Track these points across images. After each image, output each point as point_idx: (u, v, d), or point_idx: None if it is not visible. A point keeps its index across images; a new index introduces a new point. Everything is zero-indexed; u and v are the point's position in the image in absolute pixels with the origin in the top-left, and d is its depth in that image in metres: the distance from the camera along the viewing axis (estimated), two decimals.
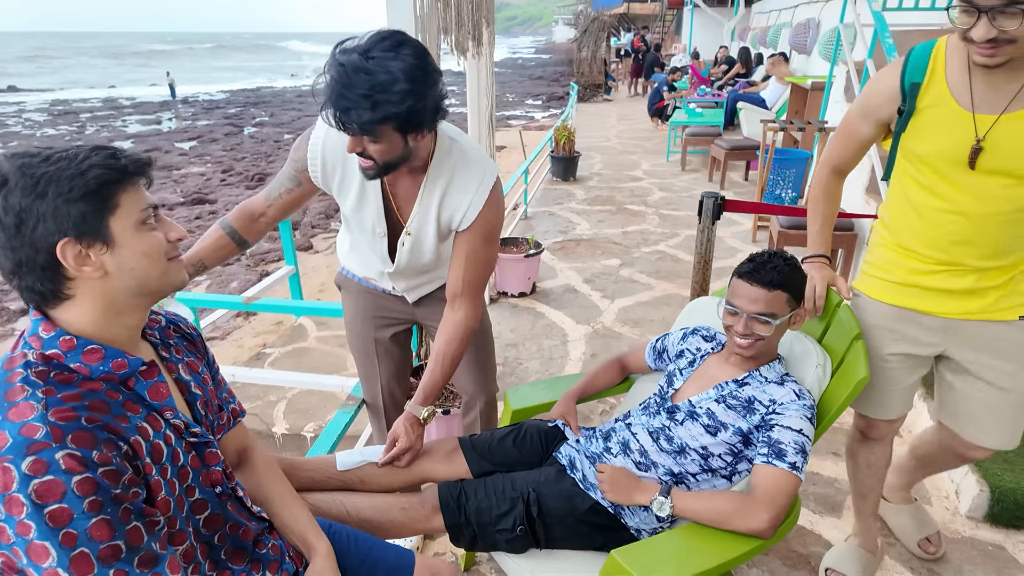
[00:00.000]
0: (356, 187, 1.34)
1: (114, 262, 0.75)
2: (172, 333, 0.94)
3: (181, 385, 0.89)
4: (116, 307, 0.77)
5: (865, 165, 3.41)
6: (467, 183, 1.31)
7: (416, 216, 1.35)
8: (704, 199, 1.93)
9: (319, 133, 1.32)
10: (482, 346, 1.67)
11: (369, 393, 1.73)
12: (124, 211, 0.74)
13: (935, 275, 1.33)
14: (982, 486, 1.83)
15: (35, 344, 0.74)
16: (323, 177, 1.35)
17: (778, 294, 1.28)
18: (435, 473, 1.39)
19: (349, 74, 1.05)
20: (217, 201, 9.95)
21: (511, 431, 1.47)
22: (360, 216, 1.38)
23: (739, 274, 1.32)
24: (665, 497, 1.23)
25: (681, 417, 1.35)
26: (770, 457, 1.20)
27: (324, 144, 1.31)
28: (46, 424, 0.67)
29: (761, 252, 1.34)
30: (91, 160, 0.72)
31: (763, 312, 1.27)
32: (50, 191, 0.70)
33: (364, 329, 1.64)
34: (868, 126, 1.36)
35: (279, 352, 3.20)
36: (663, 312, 3.28)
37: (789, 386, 1.31)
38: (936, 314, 1.36)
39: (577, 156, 6.32)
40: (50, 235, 0.70)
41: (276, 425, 2.62)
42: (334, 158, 1.32)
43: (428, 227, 1.36)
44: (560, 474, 1.37)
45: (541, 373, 2.73)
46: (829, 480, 2.03)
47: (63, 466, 0.65)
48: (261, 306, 2.31)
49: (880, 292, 1.42)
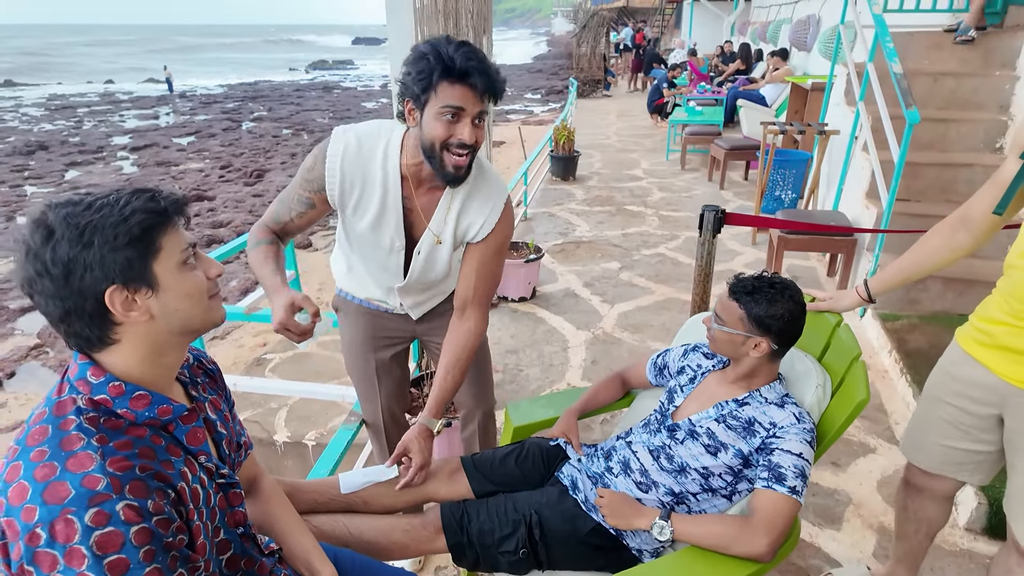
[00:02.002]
0: (376, 203, 1.33)
1: (159, 305, 0.76)
2: (198, 370, 0.94)
3: (209, 425, 0.90)
4: (159, 348, 0.79)
5: (865, 170, 3.41)
6: (487, 196, 1.35)
7: (433, 227, 1.36)
8: (705, 212, 1.93)
9: (336, 150, 1.29)
10: (479, 359, 1.68)
11: (370, 414, 1.71)
12: (166, 254, 0.75)
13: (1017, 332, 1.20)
14: (980, 498, 1.85)
15: (83, 389, 0.75)
16: (340, 196, 1.32)
17: (732, 305, 1.31)
18: (437, 493, 1.40)
19: (476, 51, 1.15)
20: (216, 198, 9.92)
21: (513, 450, 1.48)
22: (378, 233, 1.37)
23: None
24: (665, 521, 1.24)
25: (681, 436, 1.36)
26: (770, 481, 1.21)
27: (343, 160, 1.29)
28: (106, 475, 0.68)
29: (761, 272, 1.36)
30: (133, 205, 0.73)
31: (717, 312, 1.34)
32: (96, 240, 0.70)
33: (364, 351, 1.62)
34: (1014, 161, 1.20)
35: (280, 358, 3.20)
36: (663, 317, 3.28)
37: (789, 408, 1.31)
38: (999, 374, 1.24)
39: (577, 155, 6.30)
40: (98, 283, 0.71)
41: (278, 433, 2.62)
42: (352, 175, 1.30)
43: (444, 238, 1.37)
44: (562, 495, 1.37)
45: (541, 381, 2.74)
46: (828, 491, 2.05)
47: (123, 517, 0.66)
48: (263, 316, 2.31)
49: (961, 334, 1.36)
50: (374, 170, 1.31)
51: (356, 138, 1.31)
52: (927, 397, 1.43)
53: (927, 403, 1.43)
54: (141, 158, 12.85)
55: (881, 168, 3.12)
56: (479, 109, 1.19)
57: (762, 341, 1.29)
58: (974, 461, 1.37)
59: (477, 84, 1.16)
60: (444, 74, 1.14)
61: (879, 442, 2.27)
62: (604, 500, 1.30)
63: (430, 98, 1.17)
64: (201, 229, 8.62)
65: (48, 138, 14.81)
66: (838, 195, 3.89)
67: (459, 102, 1.17)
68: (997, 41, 3.59)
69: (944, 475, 1.42)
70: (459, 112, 1.18)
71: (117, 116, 18.66)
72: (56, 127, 16.75)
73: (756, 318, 1.28)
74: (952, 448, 1.37)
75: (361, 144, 1.30)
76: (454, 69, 1.14)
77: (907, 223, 3.03)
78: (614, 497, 1.30)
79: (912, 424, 1.49)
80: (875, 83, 3.24)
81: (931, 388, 1.42)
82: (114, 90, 25.79)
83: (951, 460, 1.39)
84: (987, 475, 1.39)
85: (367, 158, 1.30)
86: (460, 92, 1.16)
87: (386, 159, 1.30)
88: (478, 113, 1.19)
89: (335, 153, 1.29)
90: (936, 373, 1.42)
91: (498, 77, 1.19)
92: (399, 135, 1.31)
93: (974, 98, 3.54)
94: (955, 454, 1.38)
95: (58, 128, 16.59)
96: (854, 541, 1.86)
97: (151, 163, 12.33)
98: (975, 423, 1.32)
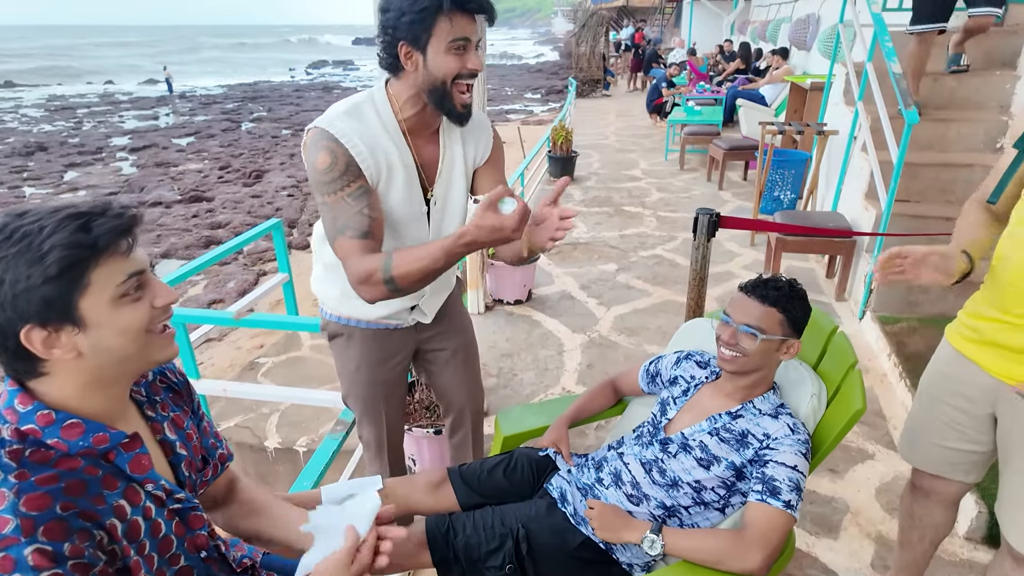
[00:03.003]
0: (400, 168, 1.24)
1: (88, 343, 0.70)
2: (159, 387, 0.89)
3: (166, 447, 0.85)
4: (99, 381, 0.73)
5: (864, 171, 3.37)
6: (475, 120, 1.33)
7: (443, 174, 1.33)
8: (699, 216, 1.90)
9: (342, 131, 1.16)
10: (470, 357, 1.65)
11: (374, 434, 1.59)
12: (96, 289, 0.68)
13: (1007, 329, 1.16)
14: (980, 507, 1.81)
15: (10, 418, 0.70)
16: (375, 165, 1.20)
17: (772, 311, 1.27)
18: (422, 505, 1.37)
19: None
20: (215, 199, 9.89)
21: (502, 460, 1.44)
22: (411, 198, 1.28)
23: (740, 288, 1.34)
24: (656, 535, 1.20)
25: (674, 449, 1.33)
26: (764, 495, 1.18)
27: (359, 135, 1.18)
28: (16, 516, 0.63)
29: (771, 275, 1.35)
30: (54, 239, 0.65)
31: (752, 324, 1.26)
32: (7, 279, 0.65)
33: (371, 376, 1.50)
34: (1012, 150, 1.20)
35: (273, 362, 3.17)
36: (659, 320, 3.25)
37: (783, 419, 1.28)
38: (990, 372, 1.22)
39: (575, 156, 6.27)
40: (12, 323, 0.66)
41: (269, 439, 2.59)
42: (372, 142, 1.20)
43: (455, 181, 1.35)
44: (551, 508, 1.34)
45: (535, 385, 2.70)
46: (826, 498, 2.01)
47: (31, 563, 0.62)
48: (252, 322, 2.28)
49: (950, 331, 1.33)
50: (380, 136, 1.23)
51: (347, 115, 1.21)
52: (921, 397, 1.41)
53: (921, 403, 1.41)
54: (140, 159, 12.83)
55: (880, 168, 3.08)
56: (479, 36, 1.21)
57: (796, 343, 1.30)
58: (969, 461, 1.35)
59: (477, 8, 1.16)
60: (452, 5, 1.12)
61: (877, 448, 2.24)
62: (594, 512, 1.27)
63: (432, 35, 1.14)
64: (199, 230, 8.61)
65: (47, 139, 14.80)
66: (837, 195, 3.85)
67: (466, 33, 1.16)
68: (997, 40, 3.55)
69: (944, 476, 1.39)
70: (467, 43, 1.17)
71: (117, 117, 18.65)
72: (56, 128, 16.75)
73: (795, 320, 1.28)
74: (948, 448, 1.35)
75: (354, 118, 1.21)
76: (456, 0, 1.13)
77: (906, 224, 2.99)
78: (604, 509, 1.27)
79: (907, 425, 1.47)
80: (874, 83, 3.20)
81: (925, 388, 1.40)
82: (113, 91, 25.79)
83: (947, 460, 1.37)
84: (981, 473, 1.38)
85: (369, 127, 1.22)
86: (465, 21, 1.15)
87: (383, 122, 1.24)
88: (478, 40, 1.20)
89: (345, 133, 1.17)
90: (929, 373, 1.39)
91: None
92: (380, 94, 1.26)
93: (974, 98, 3.50)
94: (951, 454, 1.35)
95: (57, 129, 16.59)
96: (852, 551, 1.82)
97: (150, 164, 12.32)
98: (970, 423, 1.30)
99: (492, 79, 25.31)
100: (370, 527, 0.88)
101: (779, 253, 3.38)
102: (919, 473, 1.45)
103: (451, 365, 1.63)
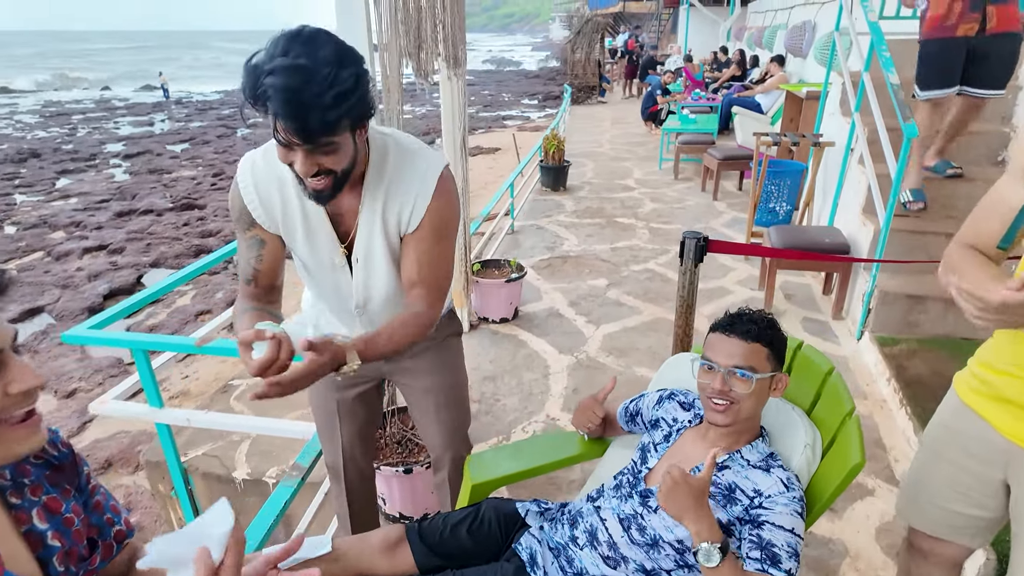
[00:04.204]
0: (299, 215, 1.19)
1: None
2: (28, 468, 0.76)
3: (33, 539, 0.73)
4: None
5: (861, 184, 3.26)
6: (410, 176, 1.17)
7: (362, 230, 1.19)
8: (686, 240, 1.78)
9: (244, 169, 1.18)
10: (449, 403, 1.52)
11: (330, 454, 1.59)
12: None
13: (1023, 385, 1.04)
14: (989, 554, 1.69)
15: None
16: (268, 216, 1.18)
17: (757, 347, 1.16)
18: (376, 568, 1.24)
19: (293, 77, 0.91)
20: (207, 207, 9.78)
21: (467, 515, 1.32)
22: (315, 249, 1.22)
23: (714, 328, 1.22)
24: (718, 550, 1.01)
25: (655, 503, 1.20)
26: (764, 564, 1.06)
27: (253, 177, 1.17)
28: None
29: (738, 309, 1.23)
30: None
31: (742, 366, 1.14)
32: None
33: (325, 390, 1.49)
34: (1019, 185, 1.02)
35: (247, 384, 3.04)
36: (649, 340, 3.12)
37: (776, 474, 1.16)
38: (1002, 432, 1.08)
39: (567, 165, 6.16)
40: None
41: (238, 469, 2.46)
42: (268, 191, 1.17)
43: (375, 240, 1.20)
44: (518, 572, 1.21)
45: (519, 412, 2.58)
46: (823, 540, 1.89)
47: None
48: (215, 349, 2.14)
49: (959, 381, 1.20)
50: (288, 184, 1.16)
51: (262, 151, 1.18)
52: (924, 452, 1.28)
53: (924, 459, 1.27)
54: (133, 165, 12.72)
55: (878, 182, 2.97)
56: (316, 160, 1.00)
57: (784, 377, 1.20)
58: (975, 526, 1.21)
59: (290, 126, 0.94)
60: (256, 105, 0.95)
61: (877, 483, 2.11)
62: (670, 476, 1.04)
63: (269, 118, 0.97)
64: (190, 239, 8.50)
65: (41, 145, 14.70)
66: (833, 209, 3.74)
67: (284, 137, 0.97)
68: None
69: (945, 539, 1.25)
70: (289, 147, 0.99)
71: (112, 123, 18.56)
72: (50, 134, 16.65)
73: (779, 352, 1.19)
74: (950, 511, 1.21)
75: (267, 153, 1.16)
76: (262, 99, 0.93)
77: (906, 239, 2.87)
78: (682, 481, 1.03)
79: (908, 481, 1.32)
80: (871, 93, 3.09)
81: (928, 442, 1.26)
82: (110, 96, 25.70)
83: (949, 523, 1.23)
84: (988, 538, 1.24)
85: (276, 172, 1.16)
86: (280, 126, 0.96)
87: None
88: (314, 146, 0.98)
89: (243, 173, 1.17)
90: (934, 425, 1.25)
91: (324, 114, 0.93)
92: None
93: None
94: (953, 517, 1.21)
95: (52, 135, 16.49)
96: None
97: (143, 171, 12.22)
98: (977, 486, 1.16)
99: (489, 85, 25.26)
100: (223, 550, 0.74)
101: (774, 269, 3.27)
102: (916, 532, 1.31)
103: (422, 406, 1.53)
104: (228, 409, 2.81)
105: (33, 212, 9.64)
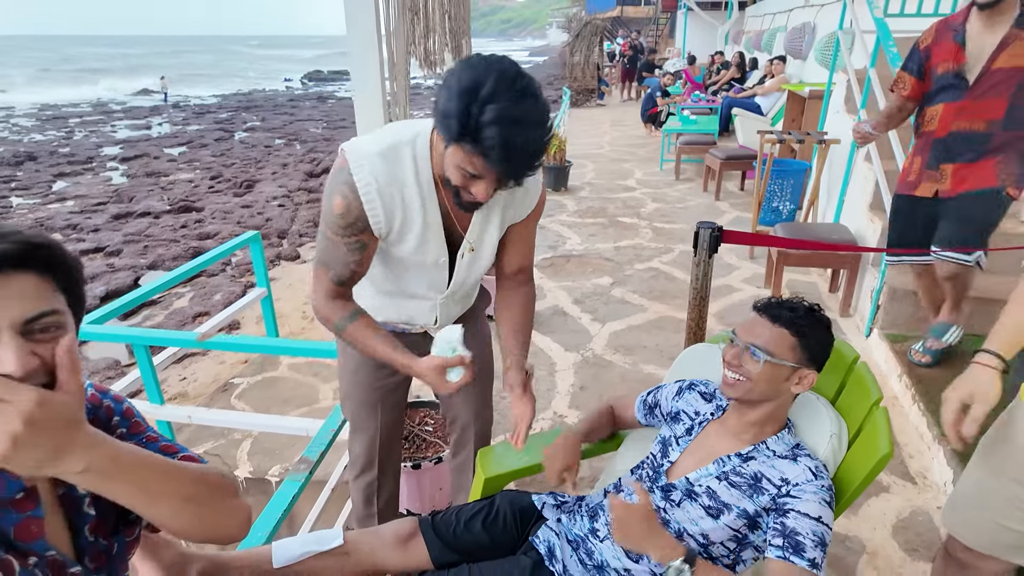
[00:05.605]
0: (419, 222, 1.18)
1: None
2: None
3: (69, 503, 0.69)
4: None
5: (868, 181, 3.24)
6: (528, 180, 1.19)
7: (477, 227, 1.24)
8: (700, 230, 1.75)
9: (366, 179, 1.11)
10: (482, 375, 1.58)
11: (364, 445, 1.54)
12: None
13: None
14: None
15: None
16: (386, 221, 1.16)
17: (783, 333, 1.13)
18: (389, 562, 1.20)
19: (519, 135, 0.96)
20: (204, 209, 9.73)
21: (481, 509, 1.28)
22: (424, 249, 1.23)
23: (753, 307, 1.21)
24: (688, 566, 1.00)
25: (678, 497, 1.17)
26: (786, 551, 1.02)
27: (378, 188, 1.12)
28: None
29: (790, 295, 1.22)
30: None
31: (759, 345, 1.12)
32: None
33: (369, 378, 1.46)
34: None
35: (248, 383, 3.00)
36: (656, 338, 3.09)
37: (803, 462, 1.13)
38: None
39: (568, 165, 6.14)
40: None
41: (239, 468, 2.42)
42: (392, 200, 1.14)
43: (489, 235, 1.28)
44: (537, 567, 1.18)
45: None
46: (839, 537, 1.85)
47: None
48: (218, 344, 2.11)
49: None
50: (409, 185, 1.15)
51: (380, 158, 1.12)
52: (983, 466, 1.18)
53: (982, 474, 1.18)
54: (131, 168, 12.65)
55: (886, 178, 2.95)
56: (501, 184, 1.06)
57: (811, 374, 1.14)
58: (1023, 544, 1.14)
59: (499, 170, 1.00)
60: (463, 139, 0.98)
61: (892, 479, 2.08)
62: (616, 510, 1.06)
63: (449, 148, 1.02)
64: (187, 241, 8.44)
65: (37, 148, 14.61)
66: (839, 207, 3.72)
67: (476, 170, 1.02)
68: None
69: (991, 556, 1.17)
70: (474, 176, 1.04)
71: (109, 126, 18.48)
72: (46, 137, 16.57)
73: (810, 347, 1.13)
74: (1007, 528, 1.13)
75: (387, 162, 1.12)
76: (476, 137, 0.96)
77: None
78: (629, 510, 1.05)
79: (960, 493, 1.23)
80: (877, 89, 3.07)
81: (988, 456, 1.16)
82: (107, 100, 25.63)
83: (1001, 541, 1.15)
84: None
85: (399, 175, 1.13)
86: (481, 165, 1.00)
87: (417, 170, 1.14)
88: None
89: (366, 183, 1.11)
90: (993, 438, 1.16)
91: (533, 165, 1.02)
92: (425, 136, 1.15)
93: None
94: (1009, 535, 1.13)
95: (48, 139, 16.41)
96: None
97: (140, 174, 12.15)
98: None
99: None
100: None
101: (780, 267, 3.24)
102: (956, 544, 1.23)
103: None
104: (229, 408, 2.77)
105: (29, 215, 9.57)
